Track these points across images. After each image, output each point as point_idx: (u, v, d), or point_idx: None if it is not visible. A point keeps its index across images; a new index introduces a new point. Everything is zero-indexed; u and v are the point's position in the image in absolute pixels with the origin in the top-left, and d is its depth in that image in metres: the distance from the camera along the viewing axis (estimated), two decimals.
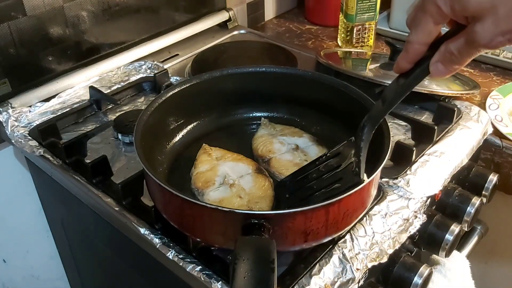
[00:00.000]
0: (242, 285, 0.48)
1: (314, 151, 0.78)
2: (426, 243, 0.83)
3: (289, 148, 0.79)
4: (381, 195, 0.76)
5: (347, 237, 0.69)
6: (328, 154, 0.68)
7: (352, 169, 0.63)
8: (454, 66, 0.50)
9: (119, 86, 1.04)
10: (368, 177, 0.60)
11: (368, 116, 0.62)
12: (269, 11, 1.56)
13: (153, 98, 0.78)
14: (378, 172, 0.62)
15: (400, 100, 0.58)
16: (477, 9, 0.44)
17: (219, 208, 0.57)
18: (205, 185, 0.72)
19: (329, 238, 0.63)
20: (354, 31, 1.26)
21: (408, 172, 0.80)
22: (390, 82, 0.90)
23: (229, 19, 1.35)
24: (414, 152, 0.81)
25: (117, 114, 0.96)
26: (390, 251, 0.70)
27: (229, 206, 0.67)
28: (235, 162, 0.76)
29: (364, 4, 1.22)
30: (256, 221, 0.55)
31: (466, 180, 0.94)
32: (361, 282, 0.67)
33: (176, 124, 0.83)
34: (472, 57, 0.49)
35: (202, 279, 0.64)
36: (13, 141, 0.91)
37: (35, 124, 0.93)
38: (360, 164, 0.62)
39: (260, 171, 0.75)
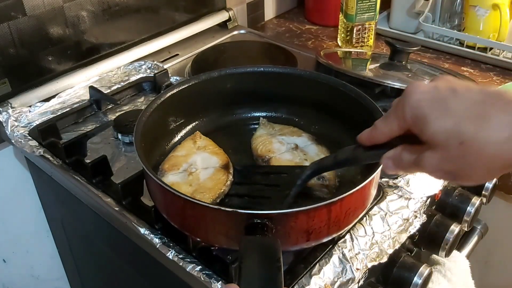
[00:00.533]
0: (249, 284, 0.48)
1: (313, 150, 0.79)
2: (426, 243, 0.83)
3: (289, 148, 0.79)
4: (381, 195, 0.76)
5: (347, 237, 0.69)
6: (278, 168, 0.72)
7: (280, 198, 0.66)
8: (401, 171, 0.51)
9: (119, 86, 1.04)
10: (368, 176, 0.61)
11: (317, 162, 0.65)
12: (269, 11, 1.56)
13: (153, 98, 0.78)
14: (377, 173, 0.63)
15: (348, 166, 0.62)
16: (432, 138, 0.44)
17: (222, 208, 0.57)
18: (170, 168, 0.74)
19: (331, 237, 0.63)
20: (354, 31, 1.26)
21: None
22: (389, 82, 0.92)
23: (229, 19, 1.35)
24: None
25: (117, 114, 0.96)
26: (390, 251, 0.70)
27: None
28: (211, 155, 0.77)
29: (364, 4, 1.22)
30: (259, 221, 0.55)
31: None
32: (361, 282, 0.67)
33: (175, 124, 0.83)
34: (417, 172, 0.50)
35: (202, 279, 0.64)
36: (13, 141, 0.91)
37: (35, 124, 0.93)
38: (288, 198, 0.65)
39: (226, 168, 0.75)
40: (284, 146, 0.79)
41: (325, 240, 0.62)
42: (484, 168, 0.43)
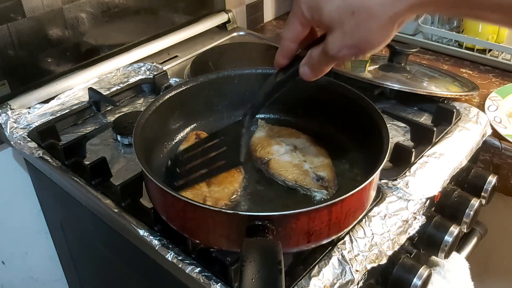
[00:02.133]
0: (250, 287, 0.48)
1: (312, 152, 0.79)
2: (425, 244, 0.83)
3: (288, 149, 0.79)
4: (380, 196, 0.76)
5: (346, 238, 0.69)
6: (215, 134, 0.73)
7: (234, 155, 0.68)
8: (317, 71, 0.56)
9: (118, 87, 1.04)
10: (367, 178, 0.61)
11: (251, 105, 0.67)
12: (268, 13, 1.56)
13: (152, 99, 0.78)
14: (377, 173, 0.63)
15: (276, 94, 0.64)
16: (329, 21, 0.49)
17: (223, 210, 0.57)
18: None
19: (331, 239, 0.63)
20: None
21: (407, 173, 0.80)
22: (389, 83, 0.92)
23: (228, 21, 1.35)
24: (413, 153, 0.81)
25: (116, 116, 0.96)
26: (389, 253, 0.70)
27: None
28: None
29: None
30: (260, 223, 0.55)
31: (465, 182, 0.94)
32: (360, 284, 0.67)
33: (174, 126, 0.83)
34: (329, 65, 0.55)
35: (202, 280, 0.63)
36: (12, 142, 0.91)
37: (34, 126, 0.93)
38: (241, 149, 0.68)
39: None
40: (283, 147, 0.79)
41: (325, 241, 0.62)
42: (379, 29, 0.48)
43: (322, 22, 0.50)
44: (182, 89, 0.80)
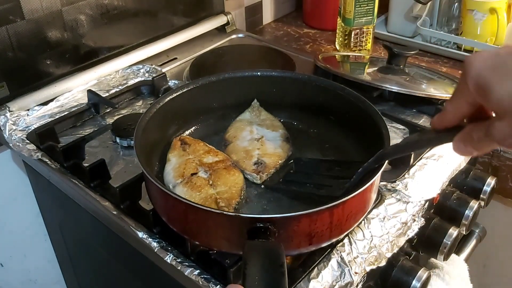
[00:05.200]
0: None
1: (274, 145, 0.80)
2: (425, 246, 0.83)
3: (253, 138, 0.81)
4: (379, 198, 0.76)
5: (346, 240, 0.69)
6: (344, 162, 0.73)
7: (341, 185, 0.67)
8: (472, 150, 0.50)
9: (117, 89, 1.04)
10: (369, 180, 0.61)
11: (381, 151, 0.64)
12: (267, 15, 1.56)
13: (151, 102, 0.79)
14: (378, 176, 0.63)
15: (409, 151, 0.61)
16: (498, 105, 0.43)
17: (224, 212, 0.57)
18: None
19: (333, 241, 0.63)
20: (352, 35, 1.26)
21: (406, 175, 0.80)
22: (387, 85, 0.92)
23: (227, 23, 1.35)
24: (412, 155, 0.81)
25: (115, 118, 0.96)
26: (389, 255, 0.70)
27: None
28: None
29: (362, 8, 1.22)
30: (261, 225, 0.55)
31: (464, 184, 0.94)
32: (360, 286, 0.67)
33: (174, 129, 0.83)
34: (489, 148, 0.49)
35: (200, 282, 0.63)
36: (11, 144, 0.91)
37: (33, 128, 0.93)
38: (349, 184, 0.66)
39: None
40: (250, 135, 0.81)
41: (326, 243, 0.62)
42: None
43: (490, 104, 0.44)
44: (182, 91, 0.80)
